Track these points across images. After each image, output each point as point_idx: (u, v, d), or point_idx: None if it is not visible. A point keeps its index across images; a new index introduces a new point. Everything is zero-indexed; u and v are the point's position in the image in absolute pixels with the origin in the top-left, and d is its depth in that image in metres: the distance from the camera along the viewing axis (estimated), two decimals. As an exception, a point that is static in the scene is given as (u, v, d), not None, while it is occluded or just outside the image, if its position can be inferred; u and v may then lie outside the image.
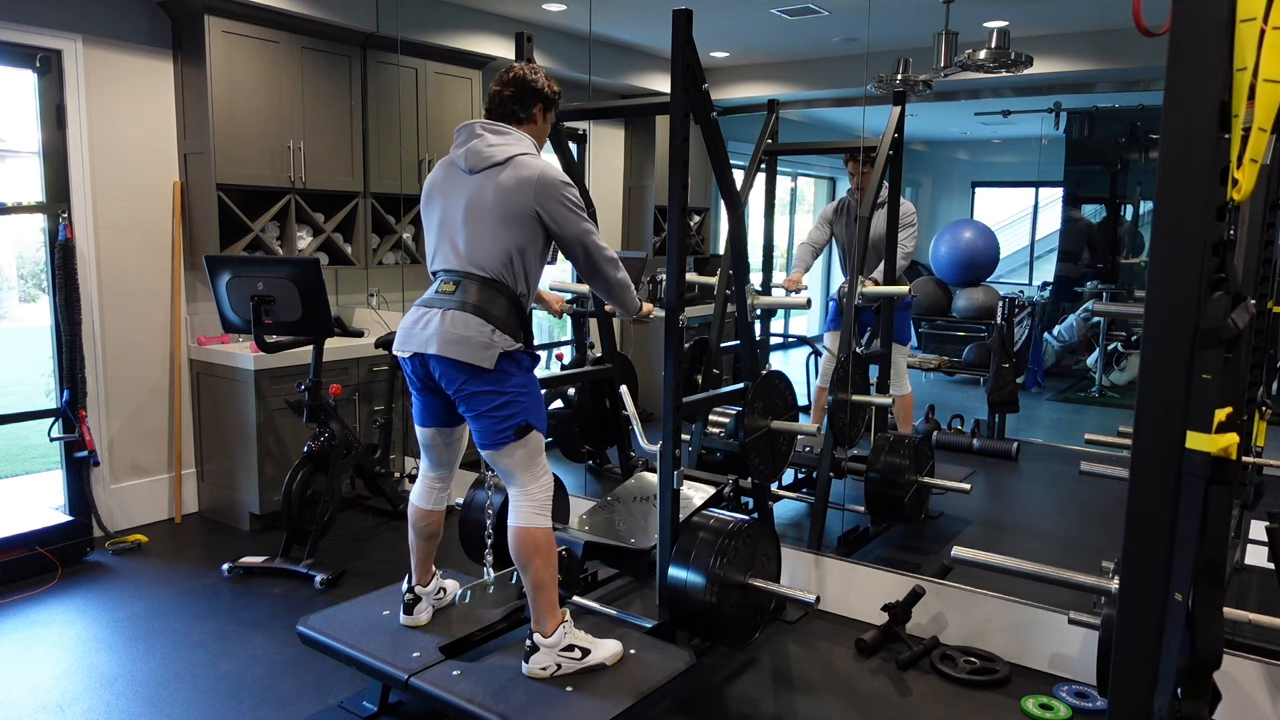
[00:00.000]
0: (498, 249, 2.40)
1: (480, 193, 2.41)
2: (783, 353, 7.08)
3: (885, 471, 3.77)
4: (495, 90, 2.52)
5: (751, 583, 2.80)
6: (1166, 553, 1.31)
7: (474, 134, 2.46)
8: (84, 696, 2.83)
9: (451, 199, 2.47)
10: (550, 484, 2.54)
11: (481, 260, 2.40)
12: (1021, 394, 5.52)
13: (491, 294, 2.39)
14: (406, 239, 5.05)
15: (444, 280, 2.44)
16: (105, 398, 4.15)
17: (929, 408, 5.58)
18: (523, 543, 2.45)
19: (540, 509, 2.48)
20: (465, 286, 2.39)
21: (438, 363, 2.40)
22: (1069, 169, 6.63)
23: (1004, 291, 6.29)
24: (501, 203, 2.39)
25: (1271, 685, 2.65)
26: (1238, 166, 1.24)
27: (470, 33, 5.12)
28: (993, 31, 4.35)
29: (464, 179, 2.46)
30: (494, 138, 2.45)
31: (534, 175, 2.39)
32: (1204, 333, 1.25)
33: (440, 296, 2.41)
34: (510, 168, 2.40)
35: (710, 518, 2.86)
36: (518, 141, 2.46)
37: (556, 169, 2.47)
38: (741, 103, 6.04)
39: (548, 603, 2.46)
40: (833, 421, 3.81)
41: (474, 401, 2.41)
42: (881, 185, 3.99)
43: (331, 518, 3.90)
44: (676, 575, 2.75)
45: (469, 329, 2.34)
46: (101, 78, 4.00)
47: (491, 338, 2.35)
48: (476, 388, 2.38)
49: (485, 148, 2.43)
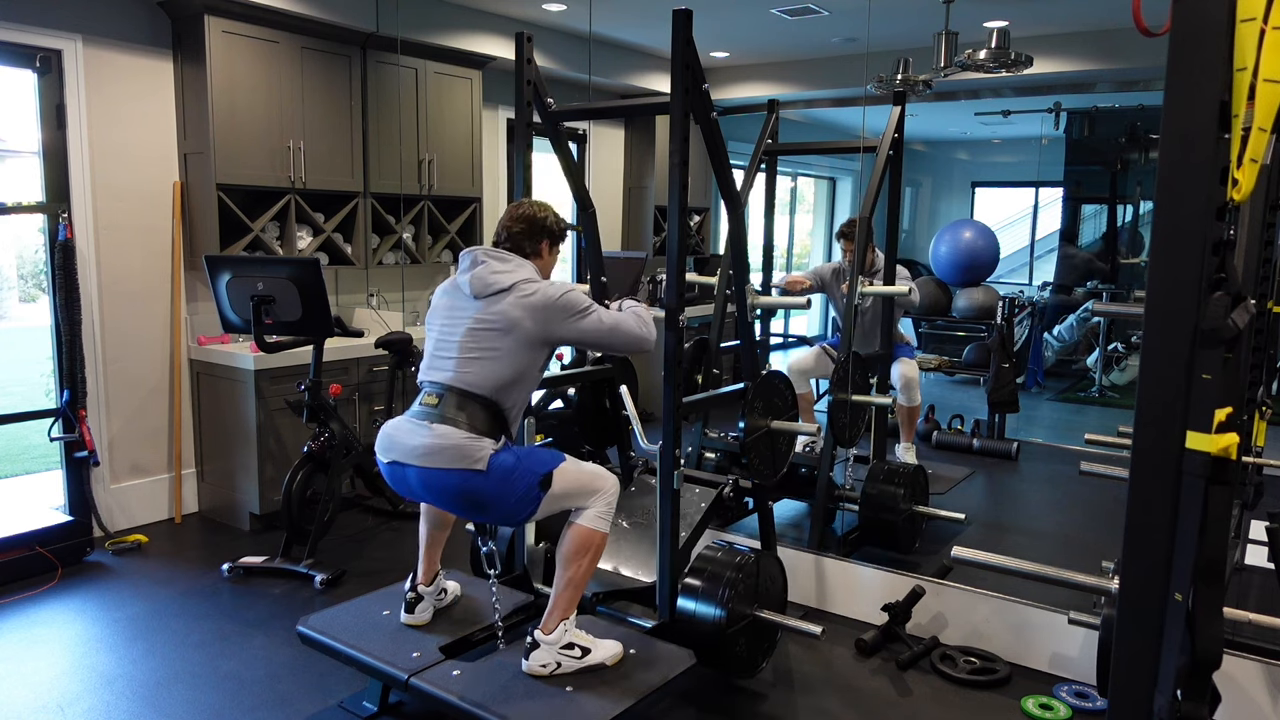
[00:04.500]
0: (499, 373, 2.43)
1: (484, 318, 2.45)
2: (783, 353, 7.08)
3: (880, 500, 3.80)
4: (505, 225, 2.60)
5: (759, 615, 2.86)
6: (1166, 553, 1.31)
7: (478, 261, 2.51)
8: (84, 696, 2.83)
9: (451, 321, 2.51)
10: (611, 486, 2.53)
11: (474, 380, 2.43)
12: (1021, 394, 5.51)
13: (476, 408, 2.41)
14: (406, 239, 5.05)
15: (428, 393, 2.48)
16: (105, 398, 4.15)
17: (929, 408, 5.57)
18: (578, 540, 2.46)
19: (605, 514, 2.50)
20: (448, 400, 2.42)
21: (421, 474, 2.40)
22: (1069, 169, 6.62)
23: (1004, 291, 6.28)
24: (509, 330, 2.43)
25: (1271, 685, 2.65)
26: (1238, 166, 1.24)
27: (470, 33, 5.12)
28: (993, 31, 4.35)
29: (468, 303, 2.50)
30: (498, 265, 2.50)
31: (539, 302, 2.44)
32: (1204, 333, 1.25)
33: (423, 409, 2.45)
34: (513, 294, 2.44)
35: (716, 551, 2.90)
36: (521, 269, 2.51)
37: (556, 286, 2.50)
38: (741, 103, 6.05)
39: (569, 602, 2.48)
40: (833, 421, 3.82)
41: (482, 508, 2.42)
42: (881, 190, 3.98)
43: (331, 518, 3.90)
44: (685, 607, 2.78)
45: (454, 439, 2.35)
46: (101, 78, 4.00)
47: (479, 443, 2.36)
48: (479, 494, 2.37)
49: (490, 275, 2.47)
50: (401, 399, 4.62)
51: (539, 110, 3.13)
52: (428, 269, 5.30)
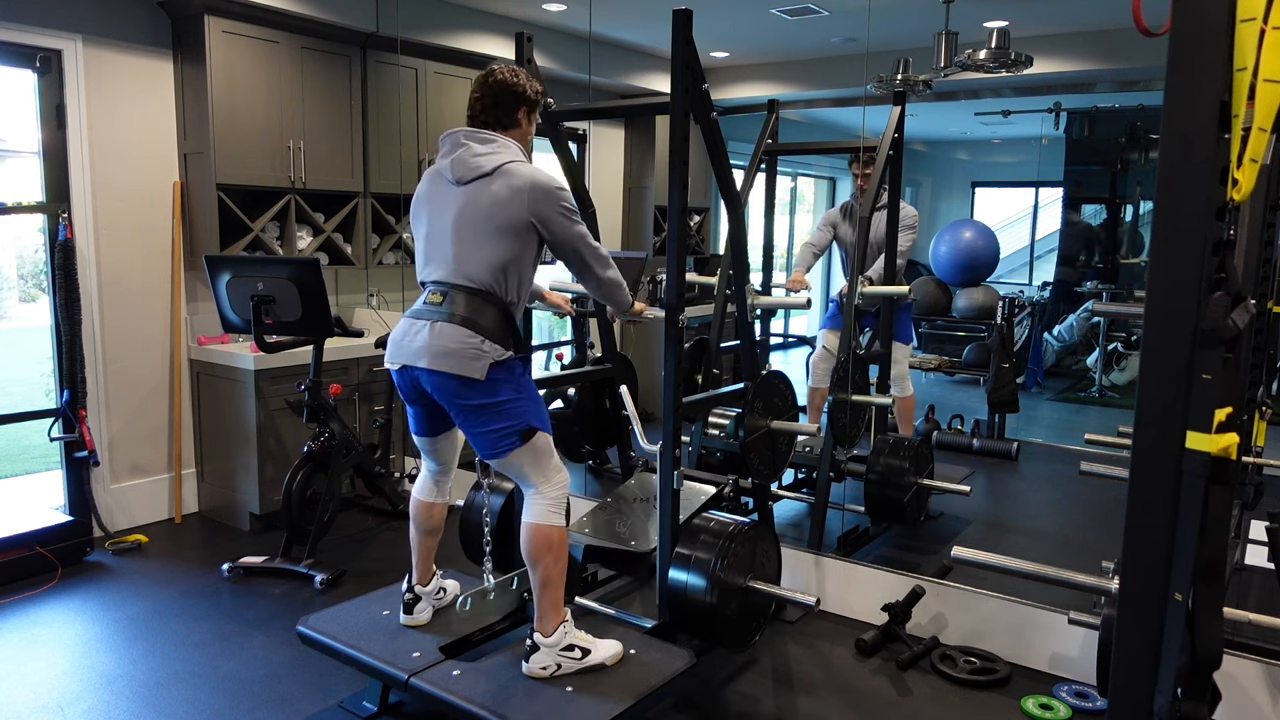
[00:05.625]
0: (489, 260, 2.38)
1: (470, 204, 2.40)
2: (783, 353, 7.08)
3: (885, 474, 3.78)
4: (476, 97, 2.48)
5: (752, 585, 2.80)
6: (1166, 553, 1.31)
7: (459, 144, 2.44)
8: (84, 696, 2.83)
9: (439, 211, 2.46)
10: (565, 481, 2.53)
11: (471, 271, 2.38)
12: (1021, 394, 5.51)
13: (479, 304, 2.37)
14: (406, 239, 5.05)
15: (432, 291, 2.43)
16: (105, 398, 4.15)
17: (929, 408, 5.57)
18: (535, 539, 2.45)
19: (555, 506, 2.48)
20: (453, 297, 2.38)
21: (428, 376, 2.39)
22: (1069, 169, 6.62)
23: (1004, 291, 6.28)
24: (494, 214, 2.37)
25: (1271, 685, 2.65)
26: (1238, 166, 1.24)
27: (470, 33, 5.12)
28: (993, 31, 4.35)
29: (452, 190, 2.44)
30: (480, 147, 2.43)
31: (525, 184, 2.38)
32: (1204, 333, 1.25)
33: (428, 308, 2.41)
34: (500, 177, 2.39)
35: (710, 520, 2.86)
36: (504, 149, 2.44)
37: (546, 174, 2.45)
38: (741, 103, 6.04)
39: (552, 601, 2.46)
40: (833, 421, 3.82)
41: (471, 416, 2.40)
42: (881, 188, 3.99)
43: (331, 518, 3.90)
44: (677, 578, 2.75)
45: (457, 341, 2.33)
46: (101, 78, 4.00)
47: (481, 348, 2.33)
48: (471, 401, 2.36)
49: (471, 158, 2.41)
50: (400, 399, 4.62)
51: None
52: (428, 269, 5.29)
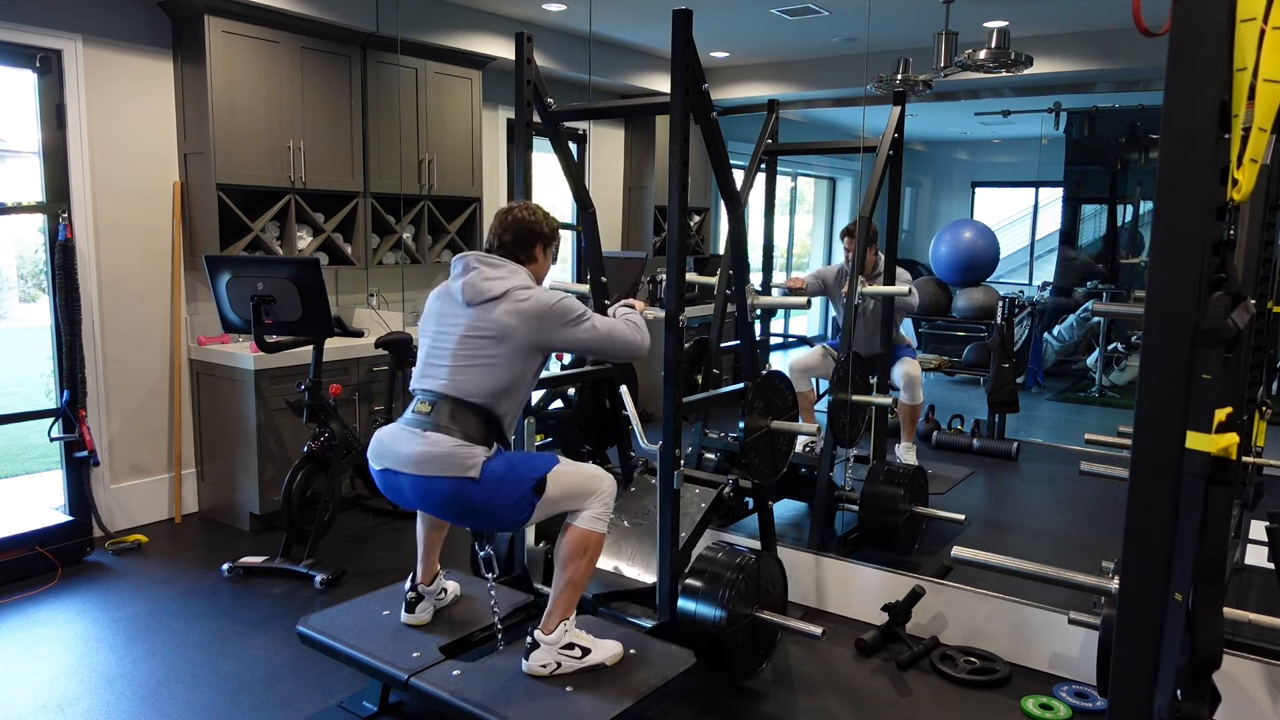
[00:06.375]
0: (493, 381, 2.41)
1: (476, 325, 2.43)
2: (783, 353, 7.08)
3: (880, 501, 3.80)
4: (496, 233, 2.56)
5: (759, 615, 2.86)
6: (1166, 553, 1.31)
7: (470, 267, 2.48)
8: (84, 696, 2.83)
9: (445, 327, 2.49)
10: (608, 487, 2.53)
11: (469, 388, 2.40)
12: (1021, 394, 5.51)
13: (468, 415, 2.39)
14: (406, 239, 5.05)
15: (421, 400, 2.45)
16: (105, 398, 4.15)
17: (929, 408, 5.57)
18: (574, 542, 2.46)
19: (601, 515, 2.50)
20: (440, 407, 2.40)
21: (412, 481, 2.39)
22: (1069, 169, 6.62)
23: (1004, 291, 6.28)
24: (501, 339, 2.40)
25: (1271, 685, 2.65)
26: (1238, 166, 1.24)
27: (470, 33, 5.12)
28: (993, 31, 4.35)
29: (460, 310, 2.48)
30: (491, 271, 2.47)
31: (532, 309, 2.41)
32: (1204, 333, 1.25)
33: (416, 417, 2.43)
34: (506, 301, 2.42)
35: (717, 552, 2.90)
36: (514, 275, 2.49)
37: (551, 295, 2.47)
38: (741, 103, 6.05)
39: (569, 603, 2.48)
40: (833, 421, 3.82)
41: (479, 515, 2.40)
42: (881, 190, 3.98)
43: (331, 518, 3.90)
44: (685, 608, 2.78)
45: (447, 446, 2.34)
46: (101, 78, 4.00)
47: (472, 451, 2.35)
48: (476, 501, 2.36)
49: (482, 281, 2.45)
50: (401, 399, 4.62)
51: (539, 110, 3.12)
52: (428, 269, 5.30)
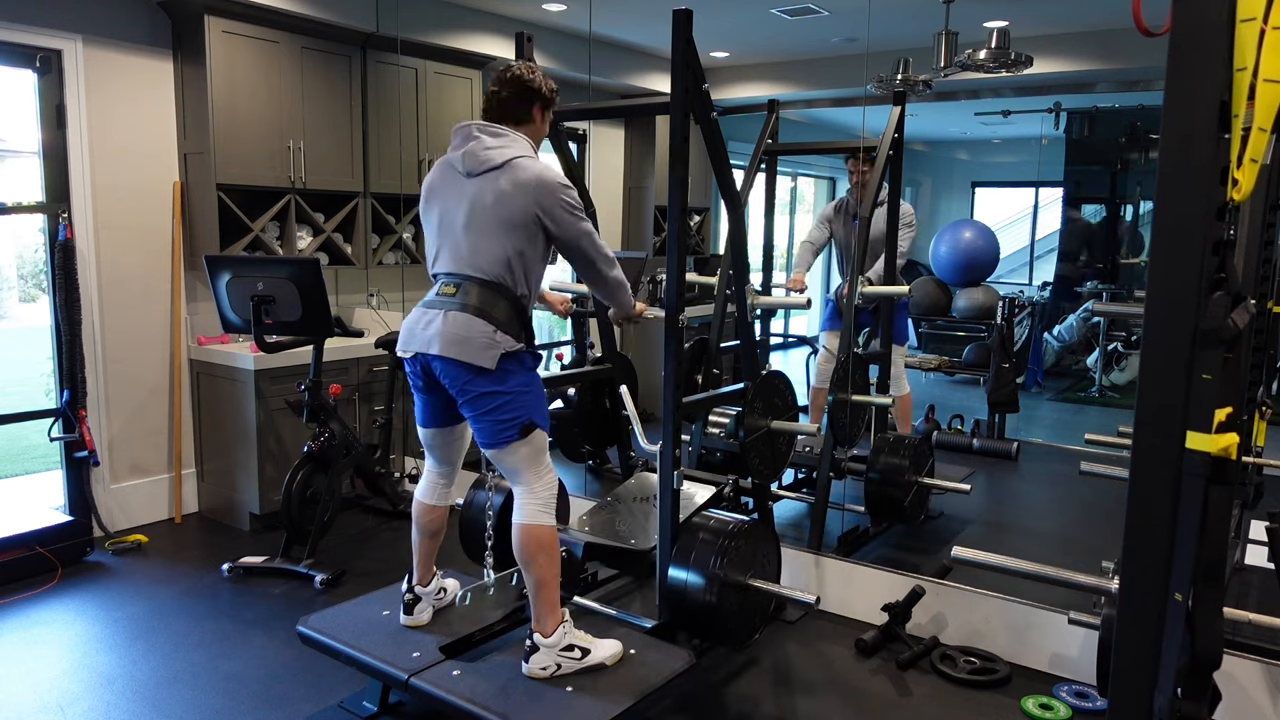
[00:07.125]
0: (498, 252, 2.41)
1: (479, 196, 2.42)
2: (783, 353, 7.08)
3: (885, 472, 3.78)
4: (493, 91, 2.53)
5: (751, 583, 2.79)
6: (1166, 553, 1.31)
7: (471, 136, 2.46)
8: (84, 696, 2.83)
9: (450, 202, 2.48)
10: (555, 482, 2.54)
11: (482, 263, 2.41)
12: (1021, 394, 5.52)
13: (493, 296, 2.40)
14: (406, 239, 5.05)
15: (445, 283, 2.45)
16: (105, 398, 4.15)
17: (929, 408, 5.58)
18: (526, 540, 2.45)
19: (545, 506, 2.49)
20: (466, 289, 2.40)
21: (440, 363, 2.41)
22: (1069, 169, 6.62)
23: (1004, 291, 6.29)
24: (501, 207, 2.40)
25: (1271, 685, 2.65)
26: (1238, 166, 1.24)
27: (470, 33, 5.12)
28: (993, 31, 4.35)
29: (462, 182, 2.46)
30: (491, 140, 2.45)
31: (532, 179, 2.40)
32: (1204, 333, 1.25)
33: (442, 298, 2.43)
34: (508, 171, 2.41)
35: (710, 518, 2.86)
36: (515, 144, 2.47)
37: (554, 171, 2.47)
38: (741, 103, 6.04)
39: (549, 602, 2.46)
40: (833, 421, 3.81)
41: (477, 403, 2.42)
42: (881, 185, 3.99)
43: (331, 518, 3.90)
44: (676, 575, 2.75)
45: (471, 330, 2.36)
46: (101, 78, 4.00)
47: (493, 338, 2.37)
48: (479, 389, 2.39)
49: (483, 150, 2.43)
50: (401, 399, 4.62)
51: (539, 110, 3.12)
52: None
